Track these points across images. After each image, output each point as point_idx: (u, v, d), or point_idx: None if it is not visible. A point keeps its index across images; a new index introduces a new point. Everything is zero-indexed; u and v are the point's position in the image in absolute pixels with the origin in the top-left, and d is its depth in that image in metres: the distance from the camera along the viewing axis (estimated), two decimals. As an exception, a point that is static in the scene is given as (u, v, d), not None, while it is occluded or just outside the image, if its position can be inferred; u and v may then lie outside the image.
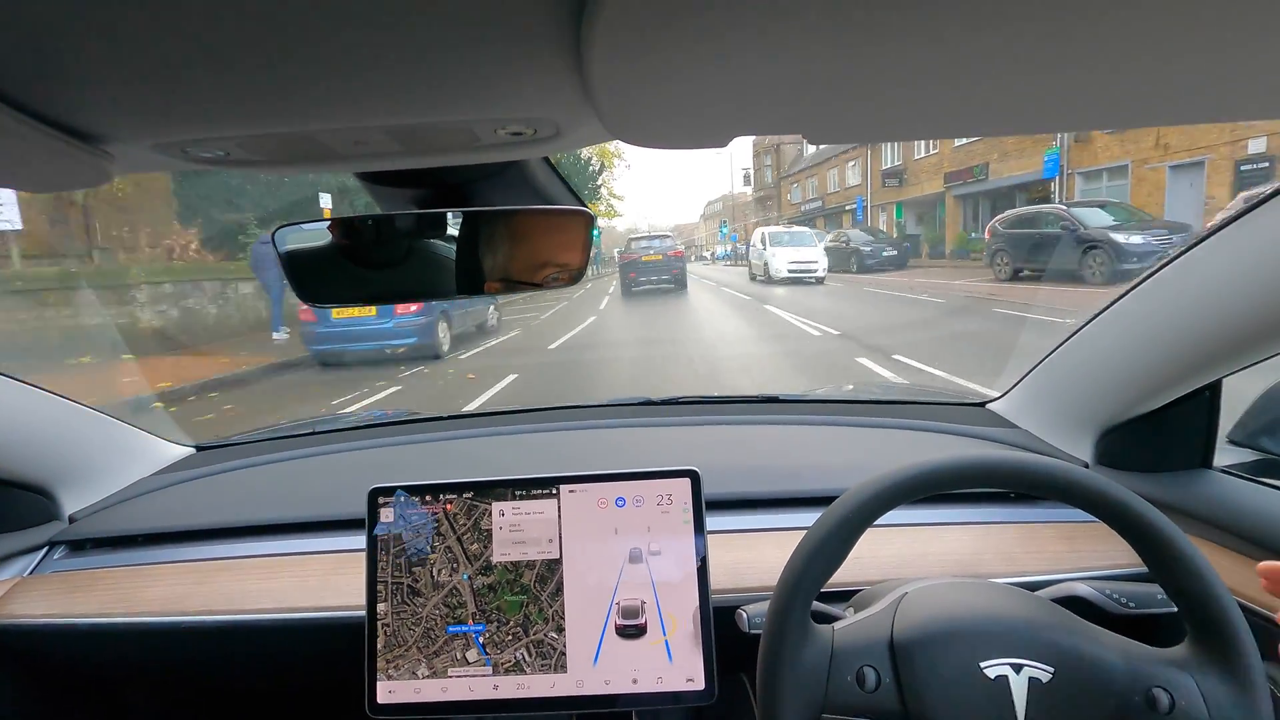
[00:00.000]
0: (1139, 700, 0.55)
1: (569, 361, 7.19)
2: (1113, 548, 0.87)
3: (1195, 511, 0.87)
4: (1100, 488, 0.58)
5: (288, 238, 0.70)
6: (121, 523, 1.07)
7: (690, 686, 0.76)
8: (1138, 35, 0.30)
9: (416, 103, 0.40)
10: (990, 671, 0.56)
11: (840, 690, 0.57)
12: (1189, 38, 0.30)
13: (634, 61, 0.31)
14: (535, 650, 0.77)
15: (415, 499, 0.81)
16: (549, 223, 0.74)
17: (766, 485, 1.04)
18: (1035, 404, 1.15)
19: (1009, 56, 0.32)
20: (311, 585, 0.92)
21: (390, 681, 0.78)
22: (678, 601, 0.77)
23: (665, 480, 0.80)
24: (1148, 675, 0.56)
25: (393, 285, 0.76)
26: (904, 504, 0.60)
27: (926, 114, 0.40)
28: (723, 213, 70.44)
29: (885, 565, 0.86)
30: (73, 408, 1.07)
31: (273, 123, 0.42)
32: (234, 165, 0.51)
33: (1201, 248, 0.77)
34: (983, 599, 0.62)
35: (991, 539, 0.93)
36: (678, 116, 0.40)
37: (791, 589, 0.59)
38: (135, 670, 1.02)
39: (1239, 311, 0.74)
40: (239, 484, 1.19)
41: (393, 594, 0.79)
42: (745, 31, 0.28)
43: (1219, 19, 0.28)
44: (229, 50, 0.32)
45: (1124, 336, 0.92)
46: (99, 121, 0.40)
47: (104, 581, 0.97)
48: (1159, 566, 0.58)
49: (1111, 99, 0.38)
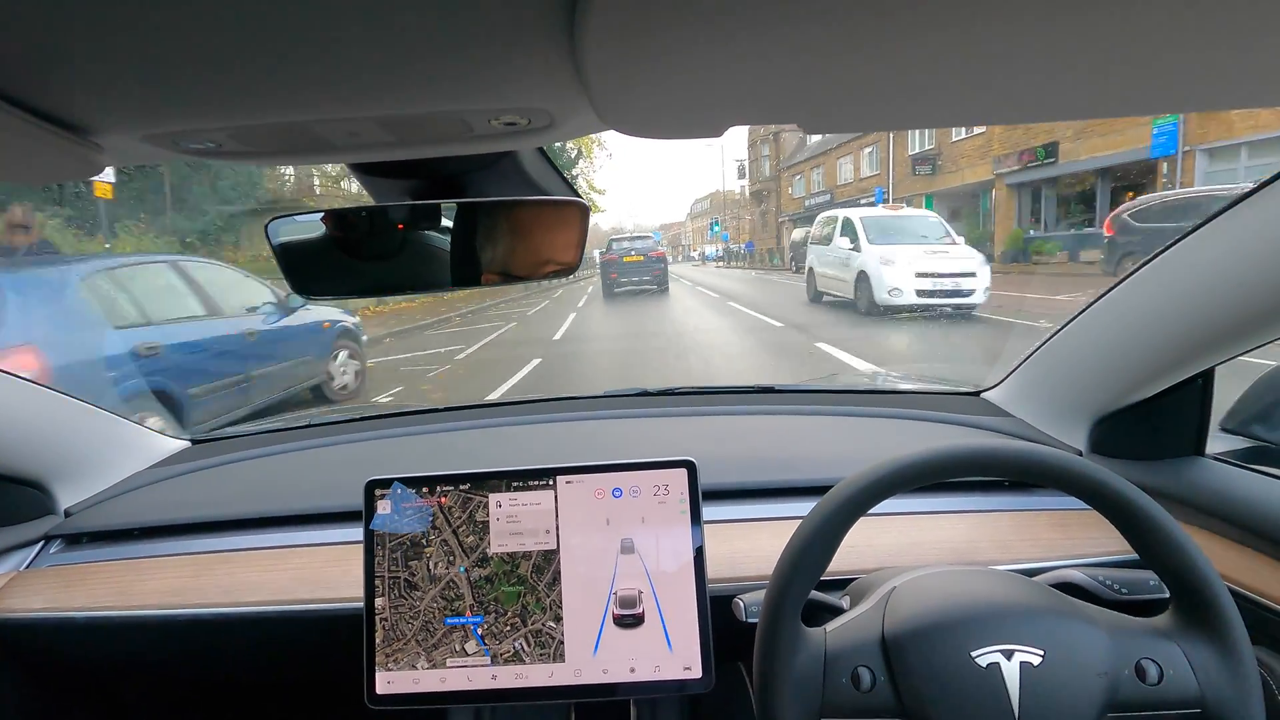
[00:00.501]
0: (1128, 673, 0.56)
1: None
2: (1106, 535, 0.87)
3: (1188, 498, 0.87)
4: (1069, 465, 0.59)
5: (281, 229, 0.69)
6: (117, 517, 1.06)
7: (688, 675, 0.76)
8: (1132, 22, 0.30)
9: (410, 93, 0.40)
10: (982, 660, 0.56)
11: (837, 693, 0.58)
12: (1191, 23, 0.30)
13: (628, 51, 0.31)
14: (534, 640, 0.78)
15: (412, 491, 0.81)
16: (544, 213, 0.74)
17: (762, 475, 1.04)
18: (1029, 393, 1.16)
19: (1006, 44, 0.31)
20: (308, 578, 0.92)
21: (388, 672, 0.78)
22: (675, 591, 0.78)
23: (662, 471, 0.80)
24: (1135, 647, 0.57)
25: (387, 277, 0.76)
26: (898, 493, 0.61)
27: (922, 103, 0.40)
28: (711, 210, 67.59)
29: (882, 554, 0.87)
30: (67, 402, 1.06)
31: (265, 113, 0.42)
32: (226, 157, 0.50)
33: (1194, 237, 0.77)
34: (970, 587, 0.63)
35: (987, 527, 0.94)
36: (672, 106, 0.40)
37: (780, 597, 0.60)
38: (131, 664, 1.02)
39: (1230, 300, 0.74)
40: (235, 477, 1.18)
41: (390, 588, 0.79)
42: (739, 21, 0.28)
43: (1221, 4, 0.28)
44: (220, 41, 0.31)
45: (1117, 325, 0.92)
46: (89, 112, 0.40)
47: (99, 575, 0.97)
48: (1139, 541, 0.59)
49: (1110, 86, 0.38)
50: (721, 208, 58.12)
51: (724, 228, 51.74)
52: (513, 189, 0.73)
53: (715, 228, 54.15)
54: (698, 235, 74.55)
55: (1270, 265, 0.69)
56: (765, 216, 39.67)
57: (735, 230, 49.63)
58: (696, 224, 76.16)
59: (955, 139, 19.24)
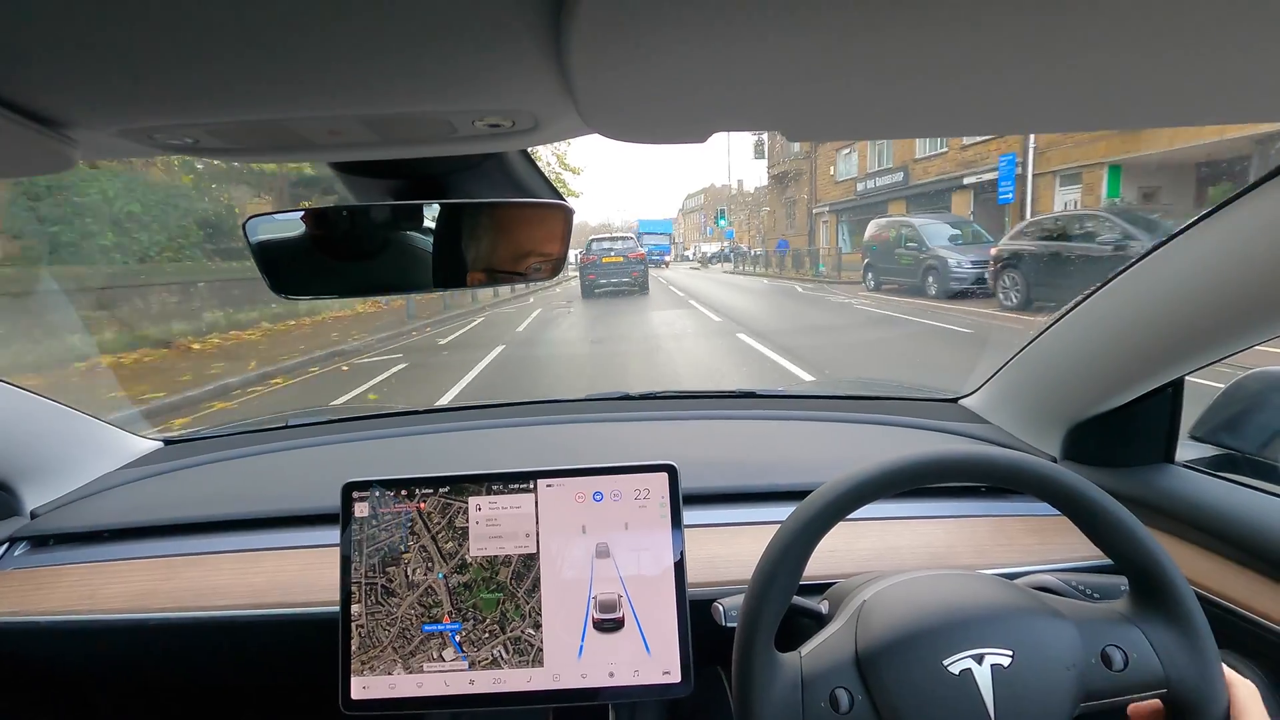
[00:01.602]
0: (1095, 662, 0.57)
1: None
2: (1079, 540, 0.89)
3: (1158, 505, 0.89)
4: (1022, 465, 0.60)
5: (259, 228, 0.68)
6: (86, 518, 1.04)
7: (667, 679, 0.76)
8: (1126, 34, 0.30)
9: (393, 92, 0.39)
10: (954, 668, 0.57)
11: (817, 717, 0.58)
12: (1182, 36, 0.30)
13: (614, 54, 0.31)
14: (513, 647, 0.77)
15: (390, 493, 0.80)
16: (527, 216, 0.74)
17: (743, 480, 1.05)
18: (1006, 400, 1.18)
19: (992, 54, 0.32)
20: (283, 581, 0.91)
21: (364, 677, 0.77)
22: (655, 595, 0.78)
23: (643, 475, 0.80)
24: (1099, 636, 0.58)
25: (368, 278, 0.75)
26: (875, 500, 0.61)
27: (907, 112, 0.40)
28: (705, 205, 63.80)
29: (861, 558, 0.88)
30: (35, 400, 1.04)
31: (244, 110, 0.41)
32: (203, 153, 0.49)
33: (1165, 250, 0.79)
34: (938, 594, 0.64)
35: (964, 532, 0.95)
36: (656, 111, 0.40)
37: (754, 620, 0.59)
38: (101, 668, 0.99)
39: (1198, 312, 0.76)
40: (209, 478, 1.16)
41: (366, 594, 0.78)
42: (726, 27, 0.28)
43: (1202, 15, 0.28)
44: (198, 34, 0.31)
45: (1090, 334, 0.94)
46: (61, 106, 0.39)
47: (67, 578, 0.95)
48: (1095, 534, 0.60)
49: (1099, 99, 0.38)
50: (715, 203, 51.69)
51: (730, 224, 43.70)
52: (497, 190, 0.73)
53: (722, 220, 44.06)
54: (691, 233, 69.48)
55: (1236, 278, 0.71)
56: (793, 207, 30.26)
57: (742, 228, 42.40)
58: (689, 221, 72.49)
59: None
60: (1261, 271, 0.68)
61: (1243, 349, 0.77)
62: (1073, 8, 0.27)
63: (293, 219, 0.70)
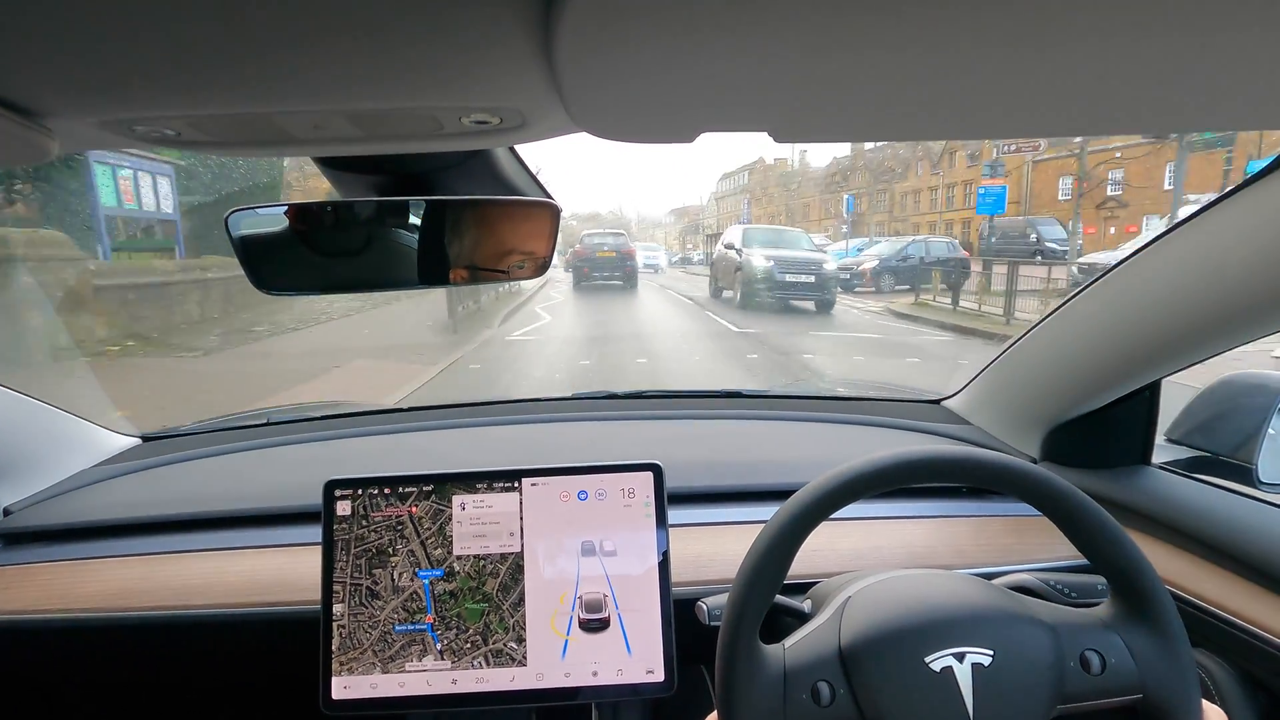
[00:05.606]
0: (1073, 665, 0.58)
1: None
2: (1058, 540, 0.91)
3: (1135, 506, 0.91)
4: (1007, 466, 0.61)
5: (242, 222, 0.67)
6: (60, 515, 1.02)
7: (650, 678, 0.76)
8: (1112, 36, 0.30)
9: (378, 87, 0.39)
10: (935, 665, 0.58)
11: (798, 709, 0.58)
12: (1173, 39, 0.30)
13: (602, 52, 0.31)
14: (494, 660, 0.77)
15: (380, 494, 0.79)
16: (514, 213, 0.73)
17: (728, 479, 1.05)
18: (987, 401, 1.19)
19: (981, 57, 0.32)
20: (262, 580, 0.90)
21: (345, 677, 0.76)
22: (639, 595, 0.78)
23: (628, 474, 0.80)
24: (1079, 640, 0.59)
25: (352, 274, 0.74)
26: (858, 499, 0.62)
27: (896, 115, 0.41)
28: (749, 186, 49.62)
29: (844, 557, 0.88)
30: (9, 395, 1.02)
31: (226, 103, 0.40)
32: (184, 146, 0.49)
33: (1142, 256, 0.80)
34: (922, 592, 0.64)
35: (945, 532, 0.96)
36: (645, 110, 0.39)
37: (738, 617, 0.60)
38: (78, 668, 0.98)
39: (1175, 317, 0.78)
40: (187, 475, 1.15)
41: (350, 595, 0.77)
42: (715, 27, 0.28)
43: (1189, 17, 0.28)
44: (179, 24, 0.30)
45: (1069, 338, 0.95)
46: (38, 95, 0.38)
47: (41, 577, 0.93)
48: (1078, 537, 0.61)
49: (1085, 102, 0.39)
50: (775, 179, 39.82)
51: (856, 199, 32.97)
52: (484, 187, 0.73)
53: (852, 205, 32.78)
54: (727, 221, 48.19)
55: (1212, 284, 0.72)
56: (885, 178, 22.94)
57: (785, 210, 33.61)
58: (725, 206, 56.40)
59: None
60: (1236, 277, 0.69)
61: (1218, 353, 0.79)
62: (1057, 11, 0.27)
63: (276, 213, 0.69)
